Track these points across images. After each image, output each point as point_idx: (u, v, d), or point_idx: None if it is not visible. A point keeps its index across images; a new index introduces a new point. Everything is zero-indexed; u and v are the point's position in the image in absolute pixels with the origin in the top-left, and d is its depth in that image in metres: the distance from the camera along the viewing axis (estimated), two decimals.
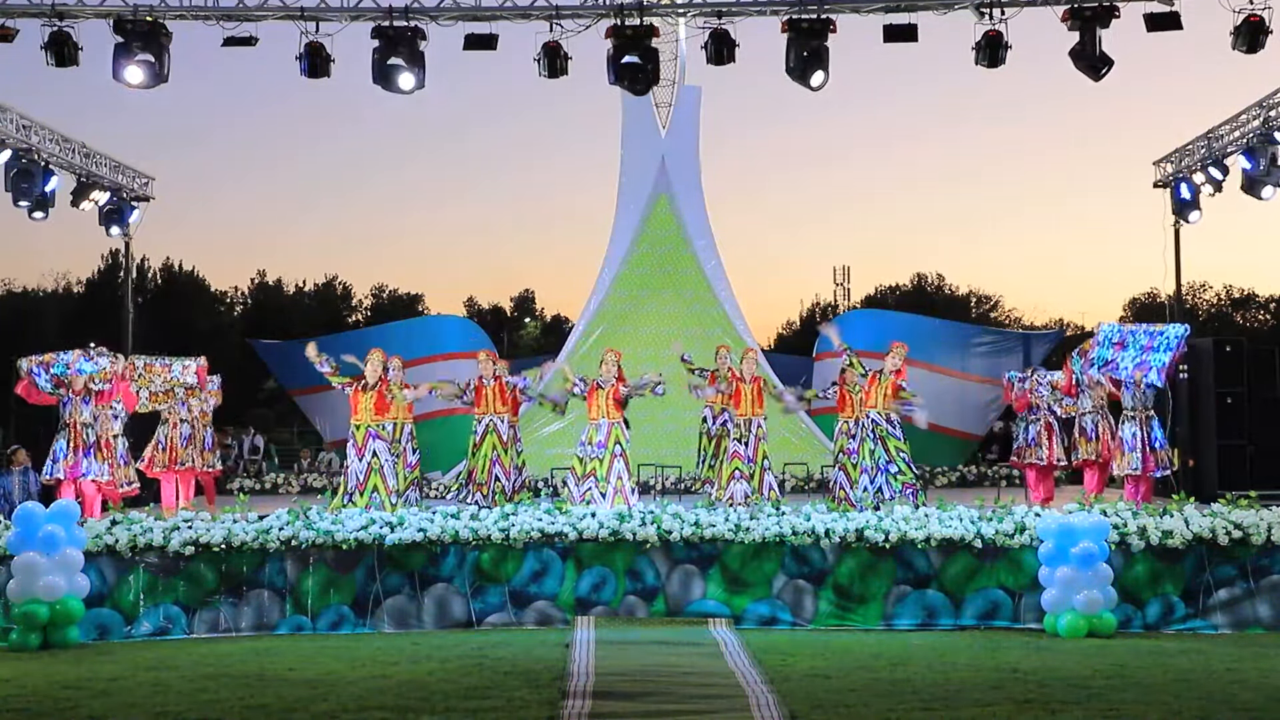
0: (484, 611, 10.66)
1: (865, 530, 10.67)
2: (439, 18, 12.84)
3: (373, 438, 12.22)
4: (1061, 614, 10.12)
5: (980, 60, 12.69)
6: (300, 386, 19.06)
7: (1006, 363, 18.59)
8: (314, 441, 21.10)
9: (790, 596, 10.67)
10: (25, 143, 14.36)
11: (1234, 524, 10.59)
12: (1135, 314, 42.98)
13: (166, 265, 41.74)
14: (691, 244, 18.78)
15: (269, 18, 12.84)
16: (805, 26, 12.59)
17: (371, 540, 10.62)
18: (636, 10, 12.78)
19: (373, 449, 12.20)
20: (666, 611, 10.66)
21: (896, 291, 46.76)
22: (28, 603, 9.82)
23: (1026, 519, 10.72)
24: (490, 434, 13.10)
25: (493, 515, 10.88)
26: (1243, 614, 10.54)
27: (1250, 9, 12.19)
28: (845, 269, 46.75)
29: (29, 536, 10.04)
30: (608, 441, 12.42)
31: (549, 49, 12.83)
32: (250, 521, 10.75)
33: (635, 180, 19.03)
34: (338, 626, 10.57)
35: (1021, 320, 44.95)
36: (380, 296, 47.28)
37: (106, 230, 16.89)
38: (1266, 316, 43.73)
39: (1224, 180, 15.58)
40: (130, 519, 10.83)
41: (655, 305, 18.64)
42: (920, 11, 12.85)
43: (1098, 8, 12.39)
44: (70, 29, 12.57)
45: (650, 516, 10.84)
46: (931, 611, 10.60)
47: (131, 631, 10.44)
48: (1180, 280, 17.55)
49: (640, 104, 18.39)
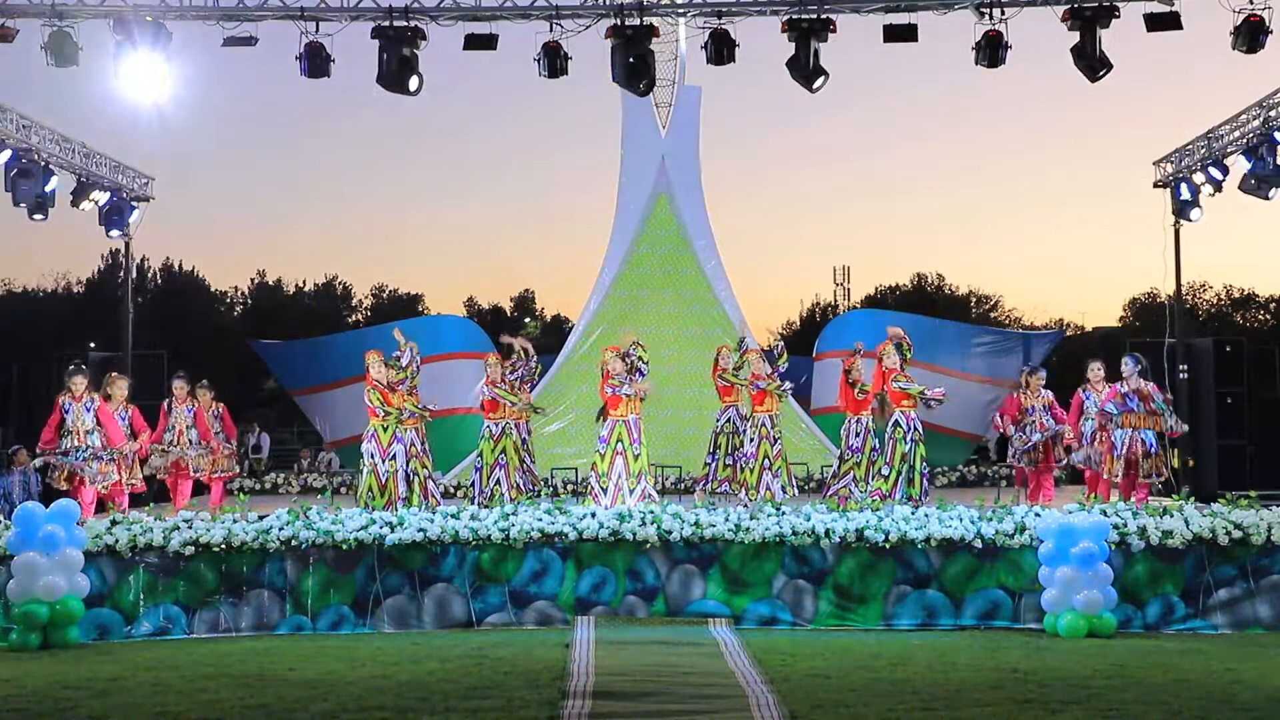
0: (484, 611, 10.66)
1: (865, 530, 10.67)
2: (439, 18, 12.84)
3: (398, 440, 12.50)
4: (1061, 614, 10.12)
5: (980, 60, 12.69)
6: (300, 387, 19.05)
7: (1006, 363, 18.60)
8: (314, 441, 21.09)
9: (790, 596, 10.67)
10: (25, 143, 14.35)
11: (1234, 524, 10.59)
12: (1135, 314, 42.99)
13: (166, 265, 41.78)
14: (691, 244, 18.77)
15: (269, 18, 12.84)
16: (805, 26, 12.59)
17: (371, 540, 10.62)
18: (636, 10, 12.78)
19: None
20: (666, 611, 10.66)
21: (896, 291, 46.74)
22: (28, 603, 9.82)
23: (1026, 519, 10.72)
24: (506, 437, 13.17)
25: (493, 515, 10.88)
26: (1243, 614, 10.54)
27: (1250, 9, 12.18)
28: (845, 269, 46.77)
29: (29, 536, 10.04)
30: (609, 438, 12.43)
31: (549, 49, 12.84)
32: (250, 521, 10.76)
33: (635, 180, 19.02)
34: (338, 626, 10.57)
35: (1021, 320, 44.96)
36: (380, 296, 47.28)
37: (106, 230, 16.88)
38: (1266, 316, 43.71)
39: (1224, 180, 15.57)
40: (130, 519, 10.84)
41: (655, 305, 18.63)
42: (920, 11, 12.84)
43: (1098, 8, 12.39)
44: (70, 29, 12.55)
45: (650, 516, 10.84)
46: (931, 611, 10.60)
47: (131, 631, 10.44)
48: (1180, 280, 17.54)
49: (640, 104, 18.38)
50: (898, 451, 12.56)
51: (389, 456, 12.36)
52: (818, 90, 12.85)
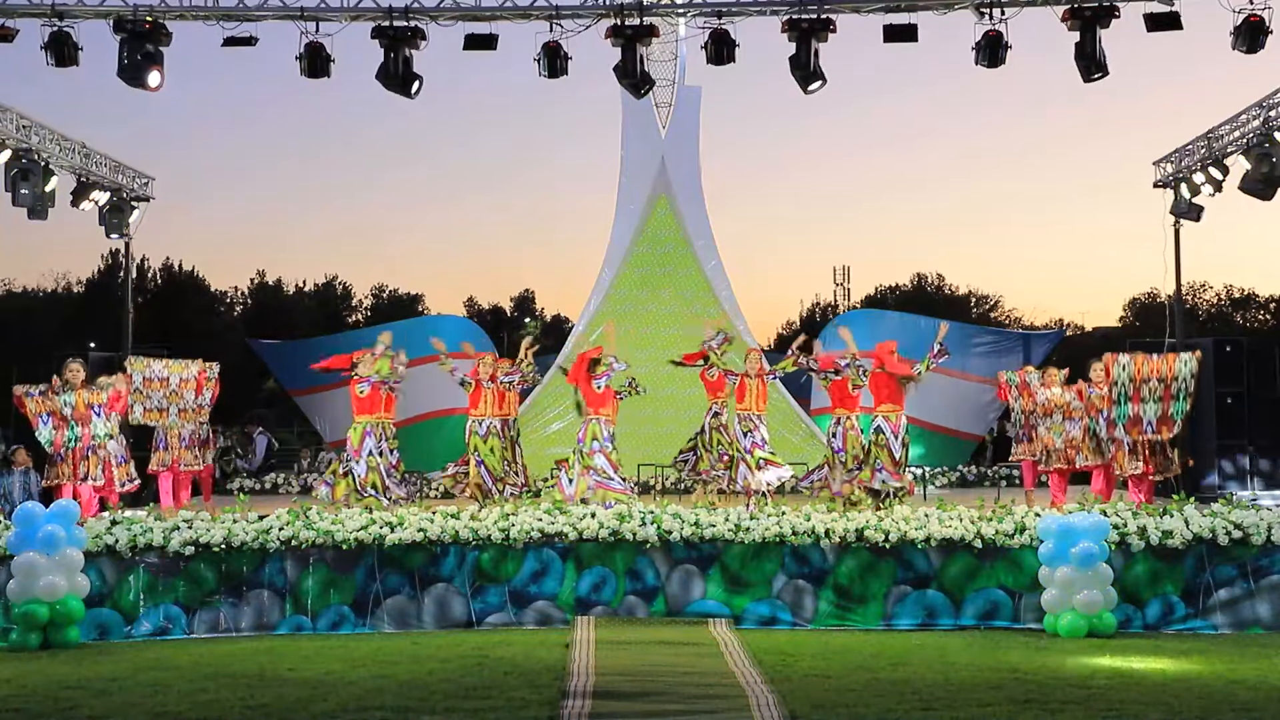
0: (484, 611, 10.67)
1: (865, 530, 10.67)
2: (439, 18, 12.84)
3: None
4: (1061, 614, 10.12)
5: (980, 60, 12.68)
6: (300, 387, 19.02)
7: (1007, 363, 18.57)
8: (314, 441, 21.06)
9: (790, 596, 10.67)
10: (25, 143, 14.33)
11: (1234, 524, 10.59)
12: (1135, 314, 43.02)
13: (166, 265, 41.82)
14: (691, 244, 18.77)
15: (269, 18, 12.84)
16: (805, 26, 12.59)
17: (371, 540, 10.62)
18: (636, 10, 12.78)
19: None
20: (666, 611, 10.67)
21: (896, 291, 46.81)
22: (28, 603, 9.83)
23: (1026, 519, 10.72)
24: (492, 436, 13.16)
25: (493, 515, 10.88)
26: (1243, 614, 10.55)
27: (1250, 9, 12.17)
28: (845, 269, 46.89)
29: (29, 536, 10.04)
30: (585, 438, 12.61)
31: (549, 49, 12.83)
32: (250, 521, 10.76)
33: (635, 180, 19.02)
34: (338, 626, 10.57)
35: (1021, 320, 45.01)
36: (380, 296, 47.36)
37: (106, 231, 16.86)
38: (1266, 316, 43.76)
39: (1224, 180, 15.56)
40: (130, 519, 10.84)
41: (655, 305, 18.62)
42: (920, 11, 12.84)
43: (1098, 8, 12.38)
44: (70, 29, 12.55)
45: (650, 516, 10.84)
46: (931, 611, 10.60)
47: (131, 631, 10.45)
48: (1180, 280, 17.54)
49: (640, 104, 18.35)
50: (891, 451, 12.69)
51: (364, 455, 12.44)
52: (812, 93, 12.86)
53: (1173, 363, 12.13)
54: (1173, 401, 12.17)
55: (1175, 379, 12.21)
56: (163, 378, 14.07)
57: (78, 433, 12.15)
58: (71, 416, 12.12)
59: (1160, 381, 12.27)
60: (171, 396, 14.07)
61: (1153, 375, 12.32)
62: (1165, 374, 12.35)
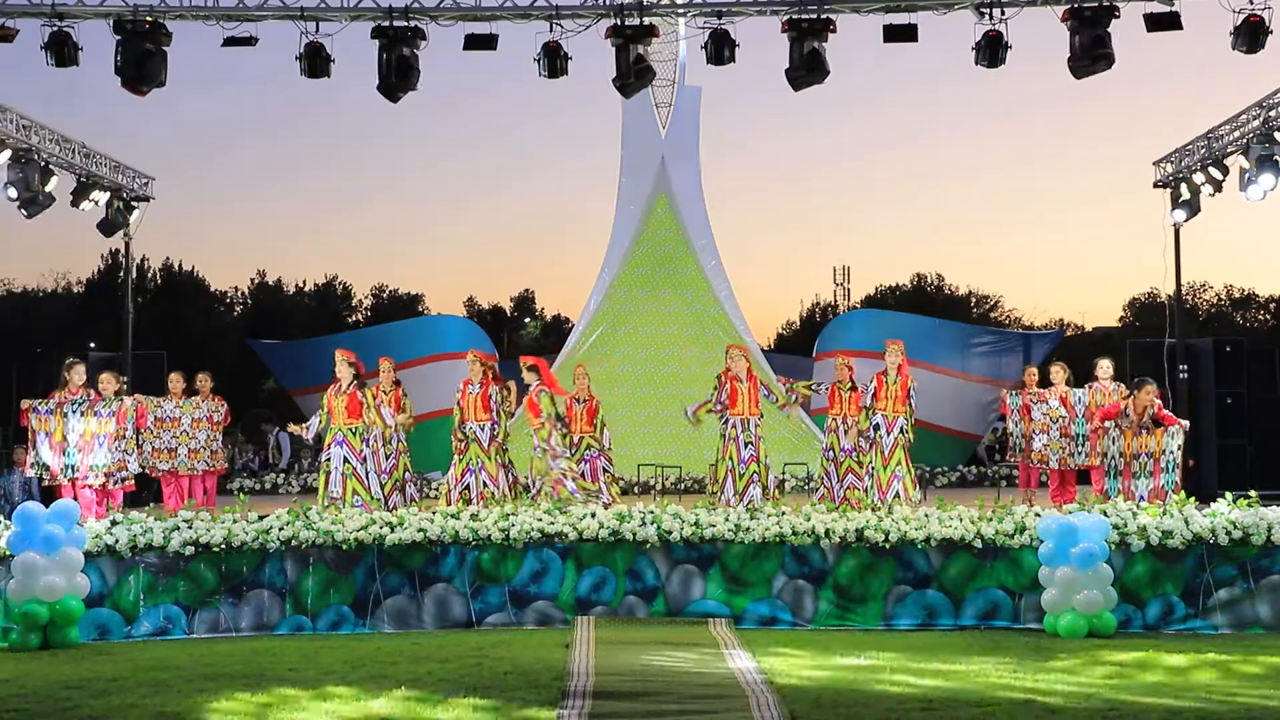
0: (484, 611, 10.67)
1: (865, 530, 10.67)
2: (439, 18, 12.83)
3: (338, 443, 12.39)
4: (1061, 614, 10.12)
5: (980, 60, 12.67)
6: (300, 387, 19.04)
7: (1007, 363, 18.60)
8: (314, 442, 21.08)
9: (790, 596, 10.67)
10: (25, 143, 14.33)
11: (1234, 524, 10.59)
12: (1135, 314, 43.01)
13: (166, 265, 41.79)
14: (691, 244, 18.79)
15: (269, 18, 12.83)
16: (805, 26, 12.59)
17: (371, 540, 10.62)
18: (636, 10, 12.78)
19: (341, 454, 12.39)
20: (666, 611, 10.67)
21: (896, 291, 46.80)
22: (28, 603, 9.82)
23: (1026, 519, 10.72)
24: (471, 443, 13.06)
25: (493, 515, 10.89)
26: (1243, 614, 10.54)
27: (1250, 9, 12.16)
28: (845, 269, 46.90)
29: (29, 536, 10.04)
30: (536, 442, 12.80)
31: (549, 49, 12.82)
32: (250, 521, 10.76)
33: (635, 181, 19.04)
34: (338, 626, 10.58)
35: (1021, 320, 44.99)
36: (380, 296, 47.32)
37: (106, 231, 16.86)
38: (1266, 316, 43.76)
39: (1224, 180, 15.56)
40: (130, 519, 10.84)
41: (655, 305, 18.64)
42: (920, 11, 12.82)
43: (1098, 8, 12.38)
44: (70, 29, 12.53)
45: (650, 516, 10.84)
46: (931, 611, 10.60)
47: (131, 631, 10.45)
48: (1180, 280, 17.53)
49: (640, 105, 18.39)
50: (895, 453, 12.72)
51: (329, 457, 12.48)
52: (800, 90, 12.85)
53: (1161, 438, 12.08)
54: (1163, 474, 12.15)
55: (1164, 453, 12.16)
56: (174, 418, 14.03)
57: (75, 461, 11.77)
58: (75, 445, 11.77)
59: (1149, 457, 12.22)
60: (182, 437, 14.05)
61: (1142, 451, 12.25)
62: (1154, 450, 12.29)
